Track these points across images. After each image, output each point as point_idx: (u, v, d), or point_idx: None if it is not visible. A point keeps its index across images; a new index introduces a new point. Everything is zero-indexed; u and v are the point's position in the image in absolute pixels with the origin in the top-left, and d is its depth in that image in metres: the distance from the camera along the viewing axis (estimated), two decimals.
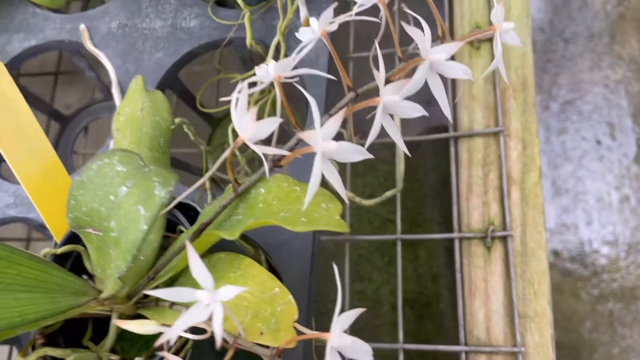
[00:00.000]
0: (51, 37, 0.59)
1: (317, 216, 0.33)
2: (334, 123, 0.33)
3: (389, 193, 0.59)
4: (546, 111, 1.26)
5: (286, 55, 0.55)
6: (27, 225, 0.59)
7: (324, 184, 0.38)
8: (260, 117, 0.61)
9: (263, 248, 0.50)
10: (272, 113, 0.58)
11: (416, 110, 0.35)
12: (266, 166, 0.34)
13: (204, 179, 0.37)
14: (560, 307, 1.06)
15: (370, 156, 0.35)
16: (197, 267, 0.29)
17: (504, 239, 0.56)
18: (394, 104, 0.34)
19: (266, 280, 0.33)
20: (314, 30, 0.38)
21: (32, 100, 0.72)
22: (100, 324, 0.44)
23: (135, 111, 0.41)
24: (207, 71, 0.72)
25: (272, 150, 0.35)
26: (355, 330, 0.80)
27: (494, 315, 0.54)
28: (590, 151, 1.19)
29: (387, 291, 0.79)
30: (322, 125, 0.33)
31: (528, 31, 0.61)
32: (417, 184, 0.85)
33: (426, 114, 0.36)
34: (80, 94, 0.81)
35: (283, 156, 0.36)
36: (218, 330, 0.28)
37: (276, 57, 0.56)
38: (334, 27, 0.39)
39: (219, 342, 0.28)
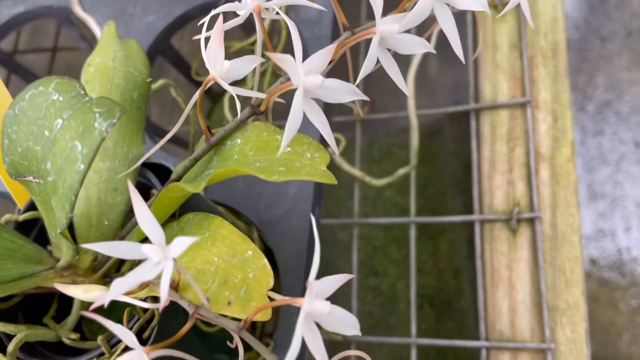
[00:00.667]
0: (40, 2, 0.56)
1: (299, 166, 0.28)
2: (322, 56, 0.28)
3: (401, 171, 0.53)
4: (582, 112, 1.19)
5: (287, 14, 0.50)
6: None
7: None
8: (260, 89, 0.56)
9: (257, 225, 0.45)
10: (274, 81, 0.53)
11: (420, 45, 0.30)
12: (238, 107, 0.29)
13: (173, 132, 0.32)
14: (596, 318, 0.99)
15: (364, 97, 0.29)
16: (144, 217, 0.24)
17: (531, 221, 0.50)
18: (391, 35, 0.29)
19: (238, 242, 0.28)
20: None
21: (29, 76, 0.68)
22: (69, 302, 0.39)
23: (107, 61, 0.37)
24: None
25: (247, 92, 0.30)
26: (368, 328, 0.74)
27: (520, 307, 0.48)
28: (629, 154, 1.12)
29: (403, 286, 0.72)
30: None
31: None
32: (437, 172, 0.78)
33: (433, 50, 0.31)
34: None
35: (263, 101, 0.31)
36: (164, 292, 0.23)
37: (276, 20, 0.51)
38: None
39: (162, 305, 0.23)
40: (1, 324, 0.34)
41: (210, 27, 0.32)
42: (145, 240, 0.32)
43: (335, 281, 0.25)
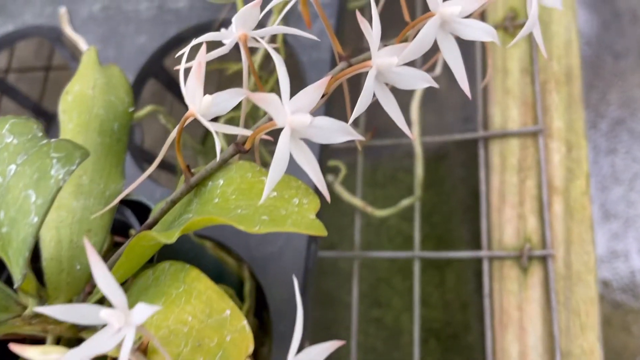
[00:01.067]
0: (30, 22, 0.53)
1: (285, 214, 0.25)
2: (311, 92, 0.25)
3: (405, 202, 0.50)
4: (594, 130, 1.16)
5: (284, 40, 0.48)
6: None
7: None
8: (255, 114, 0.54)
9: (247, 262, 0.42)
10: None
11: (422, 80, 0.27)
12: (218, 146, 0.26)
13: (151, 169, 0.30)
14: (609, 342, 0.95)
15: (359, 137, 0.26)
16: (102, 279, 0.21)
17: (543, 259, 0.46)
18: (389, 69, 0.26)
19: (215, 299, 0.25)
20: None
21: (20, 98, 0.66)
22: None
23: (86, 89, 0.34)
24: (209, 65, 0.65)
25: (230, 129, 0.27)
26: None
27: (531, 353, 0.44)
28: None
29: (408, 319, 0.69)
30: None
31: (573, 15, 0.52)
32: (444, 198, 0.75)
33: (435, 85, 0.28)
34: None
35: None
36: None
37: (273, 42, 0.48)
38: None
39: None
40: None
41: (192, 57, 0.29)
42: (122, 286, 0.30)
43: (322, 351, 0.22)
